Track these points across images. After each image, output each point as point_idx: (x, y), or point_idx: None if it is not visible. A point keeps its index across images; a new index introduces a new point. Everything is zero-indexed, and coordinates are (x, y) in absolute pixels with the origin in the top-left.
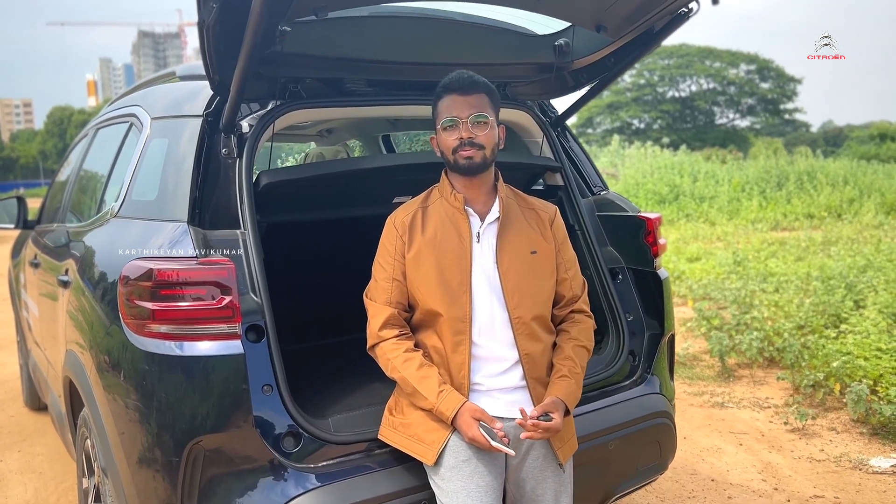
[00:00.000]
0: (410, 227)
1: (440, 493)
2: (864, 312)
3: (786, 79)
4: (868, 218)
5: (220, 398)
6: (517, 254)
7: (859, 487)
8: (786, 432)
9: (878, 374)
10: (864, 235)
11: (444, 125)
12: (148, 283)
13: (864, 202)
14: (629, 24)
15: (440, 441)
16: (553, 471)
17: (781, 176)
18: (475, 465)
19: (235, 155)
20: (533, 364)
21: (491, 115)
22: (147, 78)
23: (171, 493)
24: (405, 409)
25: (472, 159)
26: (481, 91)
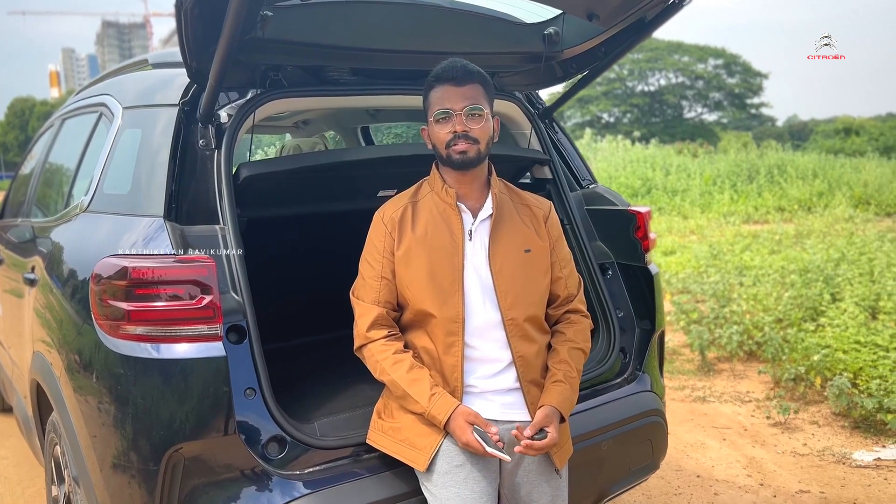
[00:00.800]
0: (400, 222)
1: (433, 499)
2: (840, 305)
3: (752, 74)
4: (839, 211)
5: (200, 403)
6: (510, 252)
7: (844, 481)
8: (768, 426)
9: (858, 368)
10: (836, 228)
11: (437, 117)
12: (122, 281)
13: (834, 196)
14: (621, 12)
15: (432, 446)
16: (548, 476)
17: (752, 169)
18: (469, 471)
19: (213, 146)
20: (527, 366)
21: (486, 107)
22: (117, 66)
23: (148, 502)
24: (395, 412)
25: (465, 154)
26: (476, 81)
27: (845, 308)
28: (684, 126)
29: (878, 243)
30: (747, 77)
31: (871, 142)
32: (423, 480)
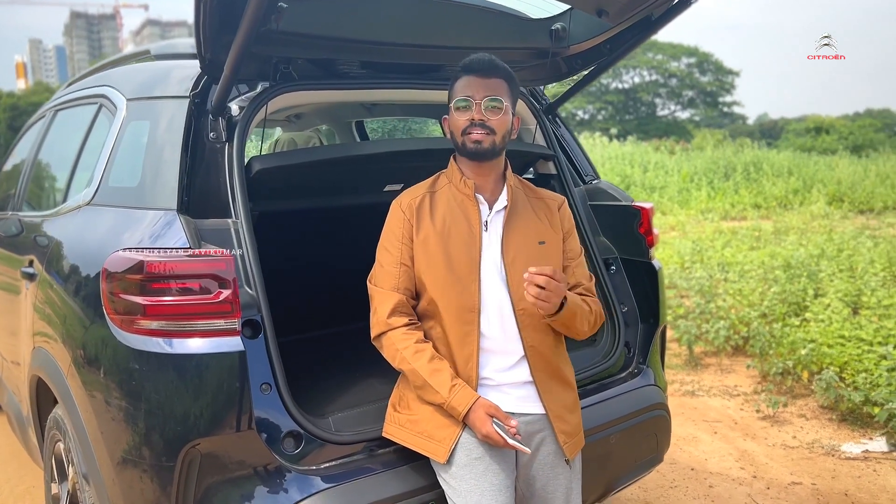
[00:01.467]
0: (418, 209)
1: (451, 492)
2: (823, 301)
3: (724, 72)
4: (816, 208)
5: (219, 398)
6: (524, 244)
7: (834, 473)
8: (758, 420)
9: (844, 362)
10: (813, 225)
11: (457, 105)
12: (137, 276)
13: (809, 193)
14: (630, 9)
15: (452, 438)
16: (563, 468)
17: (728, 167)
18: (488, 464)
19: (224, 139)
20: (539, 357)
21: (506, 102)
22: (114, 57)
23: (162, 501)
24: (411, 403)
25: (480, 143)
26: (500, 76)
27: (828, 303)
28: (658, 123)
29: (854, 242)
30: (719, 75)
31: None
32: (440, 472)
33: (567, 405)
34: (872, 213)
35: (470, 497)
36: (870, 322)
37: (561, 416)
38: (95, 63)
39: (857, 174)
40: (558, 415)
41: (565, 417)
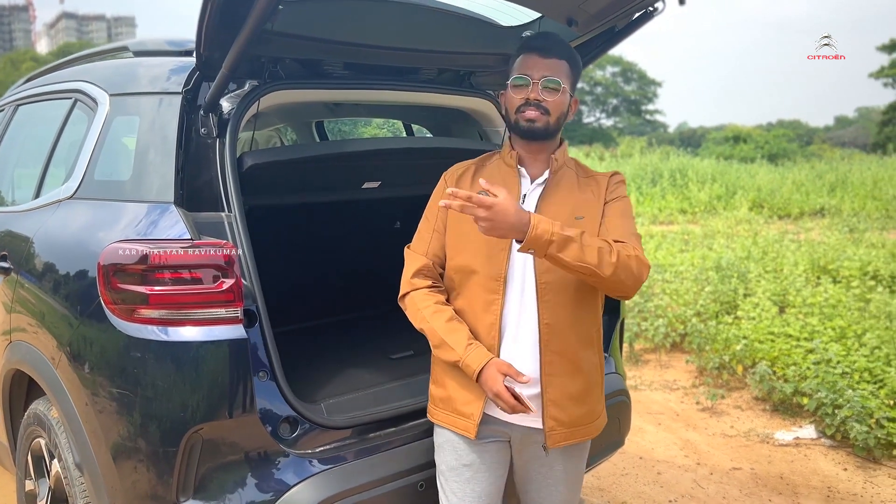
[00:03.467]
0: (460, 178)
1: (440, 490)
2: (752, 300)
3: (647, 81)
4: (741, 213)
5: (221, 384)
6: (557, 216)
7: (770, 458)
8: (697, 411)
9: (774, 356)
10: (738, 230)
11: (514, 82)
12: (141, 266)
13: (732, 199)
14: (598, 19)
15: (477, 413)
16: (556, 466)
17: (655, 173)
18: (476, 470)
19: (215, 135)
20: (554, 335)
21: (565, 83)
22: (83, 53)
23: (162, 485)
24: (440, 377)
25: (533, 122)
26: (562, 57)
27: (757, 302)
28: (584, 130)
29: (778, 245)
30: (642, 84)
31: (757, 149)
32: (438, 463)
33: (571, 394)
34: (790, 218)
35: (453, 497)
36: (796, 319)
37: (557, 403)
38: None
39: (774, 182)
40: (554, 400)
41: (562, 405)
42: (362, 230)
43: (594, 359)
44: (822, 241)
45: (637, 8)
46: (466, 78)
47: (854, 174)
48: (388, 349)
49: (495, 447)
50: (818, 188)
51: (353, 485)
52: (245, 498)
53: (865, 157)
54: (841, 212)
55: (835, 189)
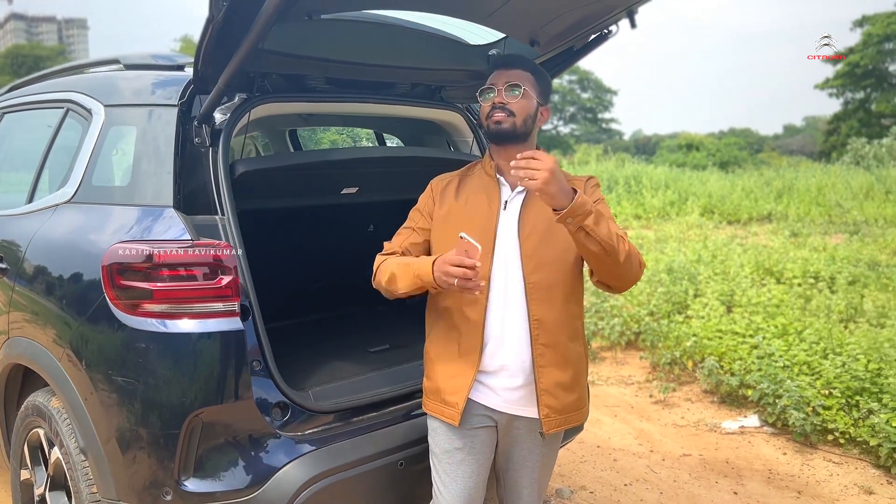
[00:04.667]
0: (445, 189)
1: (434, 470)
2: (701, 300)
3: (603, 90)
4: (692, 219)
5: (221, 372)
6: (540, 221)
7: (717, 445)
8: (651, 404)
9: (722, 352)
10: (689, 234)
11: (482, 93)
12: (146, 264)
13: (684, 205)
14: (558, 40)
15: (461, 402)
16: (538, 446)
17: (611, 179)
18: (467, 452)
19: (208, 144)
20: (543, 330)
21: (528, 88)
22: (70, 64)
23: (164, 465)
24: (428, 368)
25: (500, 124)
26: (525, 68)
27: (706, 302)
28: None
29: (726, 248)
30: (599, 93)
31: (709, 157)
32: (431, 446)
33: (562, 383)
34: (739, 223)
35: (446, 477)
36: (742, 318)
37: (550, 392)
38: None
39: (725, 188)
40: (547, 389)
41: (555, 394)
42: (343, 233)
43: (580, 350)
44: (768, 244)
45: (593, 31)
46: (437, 92)
47: (800, 181)
48: (367, 343)
49: (484, 432)
50: (766, 194)
51: (339, 463)
52: (241, 476)
53: (811, 164)
54: (787, 217)
55: (781, 195)
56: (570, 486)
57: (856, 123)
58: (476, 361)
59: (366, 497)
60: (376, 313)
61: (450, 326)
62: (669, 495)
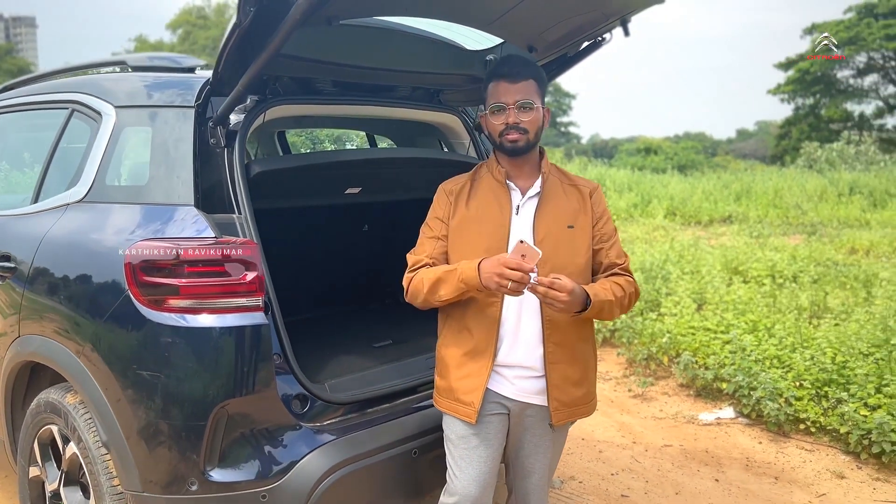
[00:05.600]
0: (458, 195)
1: (449, 455)
2: (673, 298)
3: (562, 94)
4: (658, 220)
5: (246, 364)
6: (554, 226)
7: (696, 436)
8: (630, 398)
9: (696, 347)
10: (655, 235)
11: (492, 109)
12: (172, 261)
13: (647, 207)
14: (554, 47)
15: (477, 401)
16: (548, 437)
17: None
18: (482, 438)
19: (223, 145)
20: (554, 330)
21: (536, 101)
22: (73, 66)
23: (190, 456)
24: (443, 369)
25: (516, 143)
26: (529, 77)
27: (678, 300)
28: None
29: (694, 248)
30: (558, 97)
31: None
32: (447, 432)
33: (572, 379)
34: (701, 224)
35: (462, 462)
36: (714, 314)
37: (559, 387)
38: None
39: (685, 191)
40: (557, 384)
41: (564, 388)
42: (343, 232)
43: (589, 349)
44: (733, 245)
45: (588, 38)
46: (436, 95)
47: (757, 184)
48: (370, 339)
49: (497, 419)
50: (725, 197)
51: (357, 452)
52: (264, 465)
53: (767, 168)
54: (747, 218)
55: (740, 198)
56: (559, 477)
57: (806, 128)
58: (490, 361)
59: (382, 484)
60: (371, 310)
61: (463, 327)
62: (655, 483)
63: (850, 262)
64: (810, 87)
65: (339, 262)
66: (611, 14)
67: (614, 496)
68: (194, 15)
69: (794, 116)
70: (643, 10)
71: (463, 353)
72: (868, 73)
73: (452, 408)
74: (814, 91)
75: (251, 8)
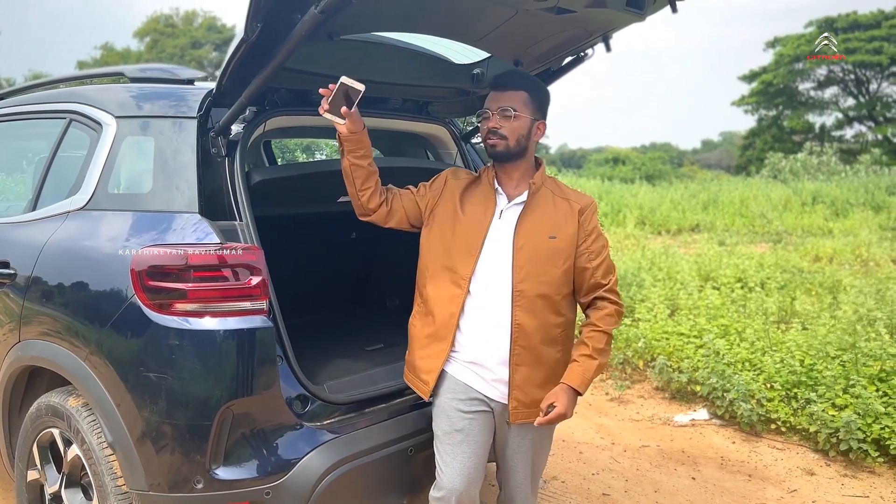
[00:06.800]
0: (454, 186)
1: (437, 452)
2: (647, 304)
3: None
4: (628, 229)
5: (250, 366)
6: (534, 235)
7: (672, 437)
8: (607, 401)
9: (670, 352)
10: (626, 244)
11: (480, 117)
12: (179, 265)
13: (617, 216)
14: (539, 61)
15: (431, 381)
16: (531, 437)
17: None
18: (466, 434)
19: (224, 154)
20: (522, 333)
21: (521, 111)
22: (69, 75)
23: (196, 455)
24: (412, 348)
25: (494, 147)
26: (519, 87)
27: (652, 306)
28: None
29: (665, 256)
30: None
31: (635, 171)
32: (435, 428)
33: (535, 381)
34: (670, 233)
35: (447, 457)
36: (687, 320)
37: (521, 388)
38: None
39: (654, 201)
40: (519, 385)
41: (526, 390)
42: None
43: (556, 355)
44: (703, 253)
45: (571, 53)
46: (424, 107)
47: (723, 194)
48: (362, 343)
49: (482, 416)
50: (693, 206)
51: (357, 450)
52: (268, 463)
53: (732, 178)
54: (715, 227)
55: (707, 207)
56: (542, 478)
57: (769, 139)
58: (448, 348)
59: (380, 481)
60: (359, 315)
61: (428, 311)
62: (634, 482)
63: (814, 269)
64: (773, 99)
65: (328, 267)
66: (593, 31)
67: (596, 495)
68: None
69: (758, 127)
70: (624, 27)
71: (426, 334)
72: (828, 86)
73: (413, 383)
74: (776, 103)
75: (258, 24)
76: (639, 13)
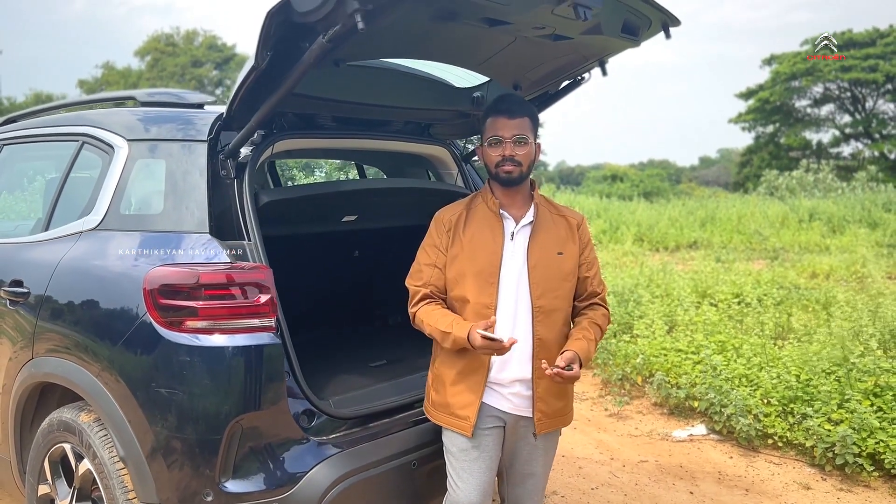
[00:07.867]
0: (456, 224)
1: (450, 466)
2: (645, 320)
3: None
4: (627, 246)
5: (260, 381)
6: (545, 253)
7: (670, 452)
8: (606, 417)
9: (668, 368)
10: (624, 260)
11: (490, 142)
12: (192, 284)
13: (615, 233)
14: (537, 85)
15: (473, 416)
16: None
17: None
18: (481, 450)
19: (233, 176)
20: (542, 348)
21: (530, 137)
22: (80, 99)
23: (205, 469)
24: (440, 387)
25: (511, 174)
26: (524, 114)
27: (650, 323)
28: None
29: (663, 273)
30: None
31: (633, 187)
32: (447, 444)
33: (555, 392)
34: (668, 250)
35: (463, 473)
36: (684, 336)
37: (543, 399)
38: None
39: (652, 218)
40: (541, 397)
41: (548, 401)
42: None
43: None
44: (700, 269)
45: (568, 77)
46: (426, 129)
47: (721, 211)
48: (366, 359)
49: (495, 431)
50: (691, 223)
51: (362, 464)
52: (275, 476)
53: (729, 195)
54: (712, 244)
55: (705, 224)
56: None
57: (766, 156)
58: (484, 378)
59: (384, 494)
60: (362, 332)
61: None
62: (633, 497)
63: (811, 285)
64: (770, 116)
65: (332, 286)
66: (589, 56)
67: None
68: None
69: (755, 144)
70: (619, 52)
71: (458, 370)
72: (824, 103)
73: (448, 422)
74: (773, 120)
75: (268, 52)
76: (633, 39)
